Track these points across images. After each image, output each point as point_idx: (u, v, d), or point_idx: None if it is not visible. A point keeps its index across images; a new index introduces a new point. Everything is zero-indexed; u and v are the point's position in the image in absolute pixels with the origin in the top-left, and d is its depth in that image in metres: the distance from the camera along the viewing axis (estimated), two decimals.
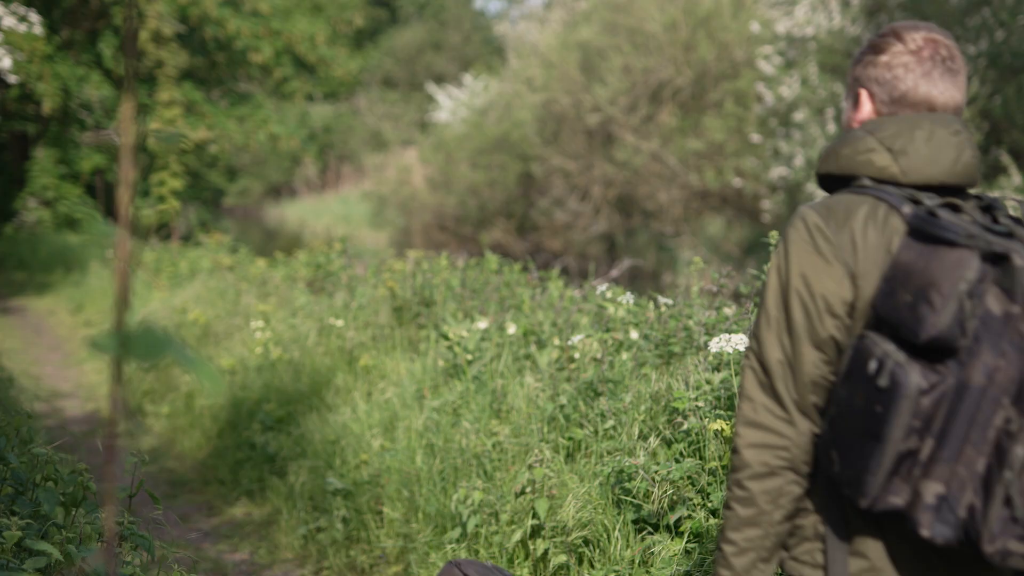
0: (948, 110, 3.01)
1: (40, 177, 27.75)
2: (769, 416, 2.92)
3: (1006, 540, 2.61)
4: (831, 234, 2.89)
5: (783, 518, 2.94)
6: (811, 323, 2.90)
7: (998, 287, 2.63)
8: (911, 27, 3.07)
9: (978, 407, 2.63)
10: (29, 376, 13.86)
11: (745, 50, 28.50)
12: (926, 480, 2.68)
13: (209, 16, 27.34)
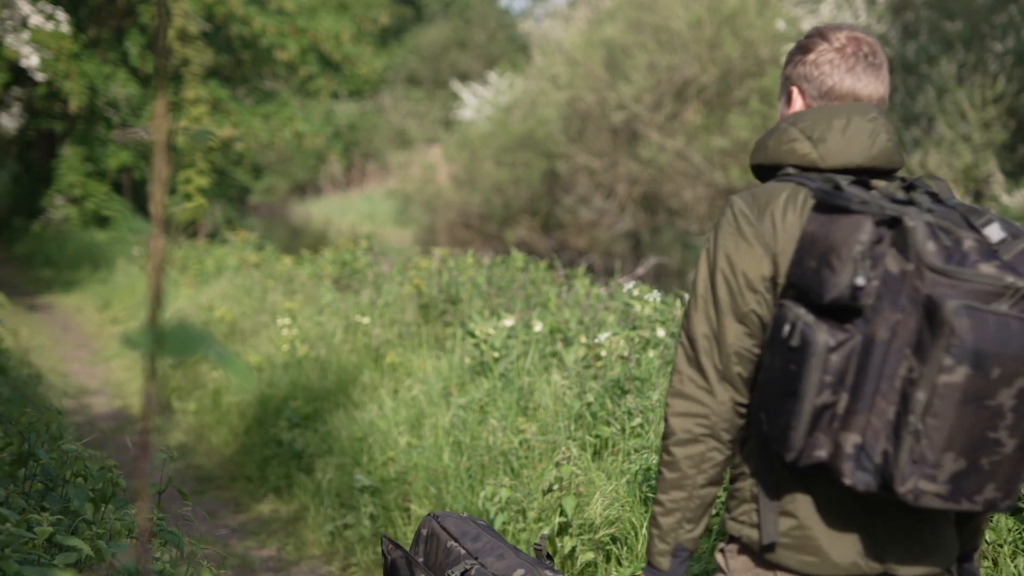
0: (872, 101, 3.26)
1: (67, 175, 27.84)
2: (692, 387, 3.17)
3: (916, 480, 2.80)
4: (754, 218, 3.14)
5: (706, 482, 3.18)
6: (734, 299, 3.14)
7: (895, 248, 2.86)
8: (835, 27, 3.32)
9: (885, 360, 2.85)
10: (57, 373, 13.91)
11: (770, 48, 28.45)
12: (845, 432, 2.89)
13: (235, 14, 27.39)
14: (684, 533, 3.22)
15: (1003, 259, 2.89)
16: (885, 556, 3.11)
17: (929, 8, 23.98)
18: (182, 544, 5.09)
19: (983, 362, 2.78)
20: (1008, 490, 2.92)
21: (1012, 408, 2.83)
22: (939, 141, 23.26)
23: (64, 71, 25.21)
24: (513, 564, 3.94)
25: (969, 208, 2.99)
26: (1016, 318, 2.83)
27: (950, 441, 2.81)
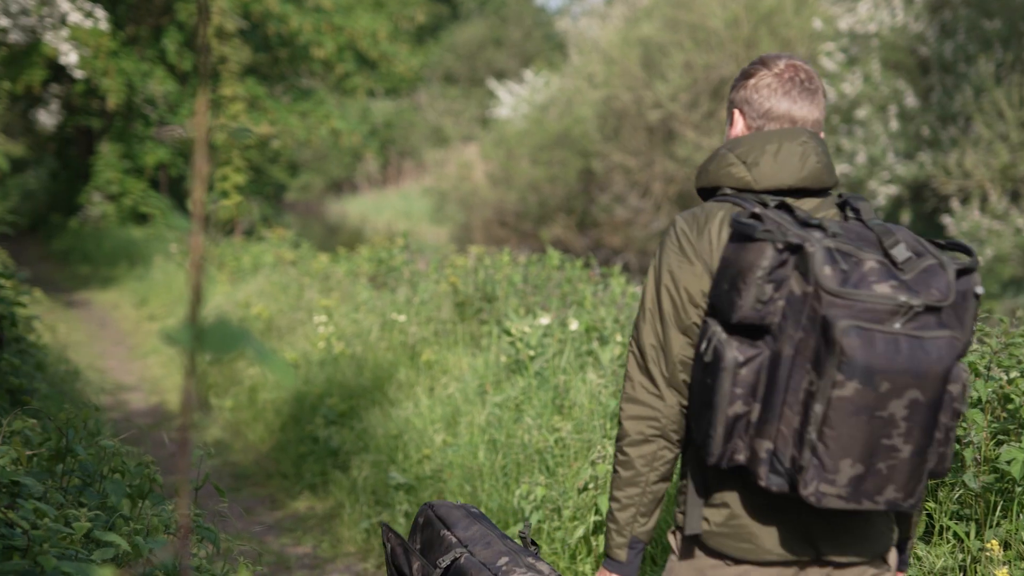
0: (807, 124, 3.55)
1: (104, 172, 27.96)
2: (644, 392, 3.48)
3: (817, 484, 3.08)
4: (693, 237, 3.43)
5: (658, 479, 3.51)
6: (677, 312, 3.44)
7: (798, 271, 3.12)
8: (776, 56, 3.61)
9: (790, 374, 3.12)
10: (94, 369, 13.98)
11: (807, 47, 28.33)
12: (759, 439, 3.17)
13: (272, 12, 27.47)
14: (639, 526, 3.55)
15: (903, 278, 3.13)
16: (815, 544, 3.38)
17: (967, 7, 23.87)
18: (218, 541, 5.10)
19: (872, 378, 3.04)
20: (909, 491, 3.16)
21: (904, 418, 3.08)
22: (976, 140, 23.17)
23: (102, 68, 25.32)
24: (499, 552, 4.10)
25: (883, 228, 3.23)
26: (905, 336, 3.07)
27: (846, 449, 3.07)
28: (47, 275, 24.22)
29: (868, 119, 24.77)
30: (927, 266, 3.17)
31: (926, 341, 3.10)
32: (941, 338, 3.11)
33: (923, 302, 3.12)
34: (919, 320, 3.12)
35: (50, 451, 5.15)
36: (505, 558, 4.05)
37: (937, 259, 3.20)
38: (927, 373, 3.08)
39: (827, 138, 25.89)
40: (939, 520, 5.46)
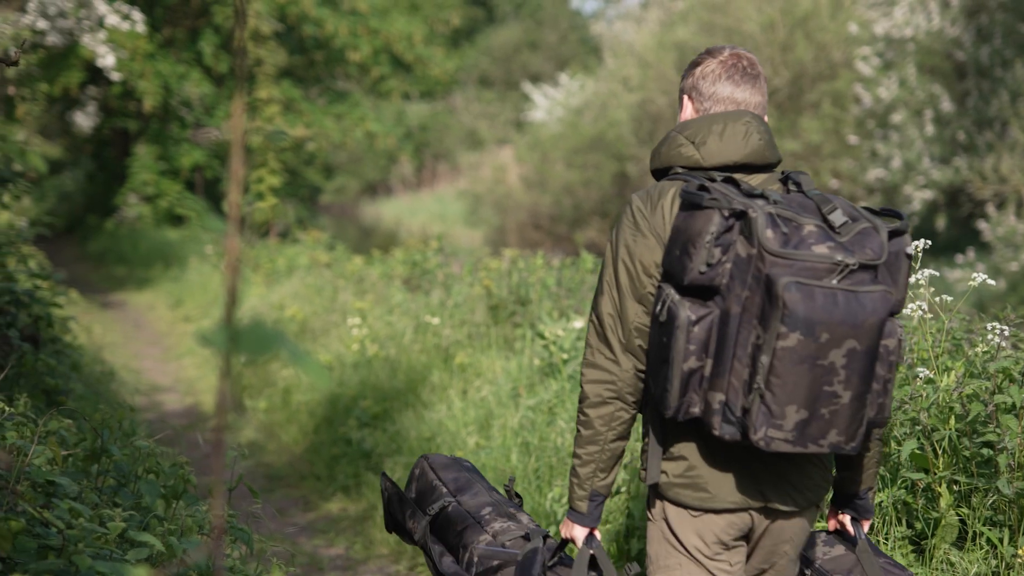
0: (750, 106, 3.87)
1: (140, 173, 28.08)
2: (602, 358, 3.77)
3: (766, 429, 3.41)
4: (647, 213, 3.75)
5: (615, 437, 3.82)
6: (633, 283, 3.74)
7: (742, 236, 3.45)
8: (721, 47, 3.94)
9: (738, 330, 3.45)
10: (129, 370, 14.04)
11: (843, 51, 28.23)
12: (711, 391, 3.50)
13: (308, 15, 27.54)
14: (598, 481, 3.87)
15: (839, 240, 3.46)
16: (764, 493, 3.74)
17: (1004, 11, 23.74)
18: (252, 541, 5.12)
19: (812, 328, 3.36)
20: (850, 434, 3.50)
21: (843, 366, 3.41)
22: (1013, 145, 23.06)
23: (139, 70, 25.45)
24: (483, 502, 4.47)
25: (822, 197, 3.58)
26: (842, 291, 3.41)
27: (791, 396, 3.40)
28: (83, 276, 24.32)
29: (904, 124, 24.67)
30: (862, 229, 3.51)
31: (861, 295, 3.42)
32: (875, 292, 3.44)
33: (858, 260, 3.45)
34: (854, 277, 3.45)
35: (85, 451, 5.18)
36: (489, 508, 4.42)
37: (871, 223, 3.54)
38: (863, 324, 3.41)
39: (863, 142, 25.85)
40: (972, 526, 5.45)
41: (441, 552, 4.41)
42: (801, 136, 28.52)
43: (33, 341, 8.20)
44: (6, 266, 8.75)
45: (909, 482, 5.70)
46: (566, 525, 3.99)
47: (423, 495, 4.61)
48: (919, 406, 5.52)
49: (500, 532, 4.32)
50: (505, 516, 4.39)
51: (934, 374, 5.72)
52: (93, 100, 32.19)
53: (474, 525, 4.37)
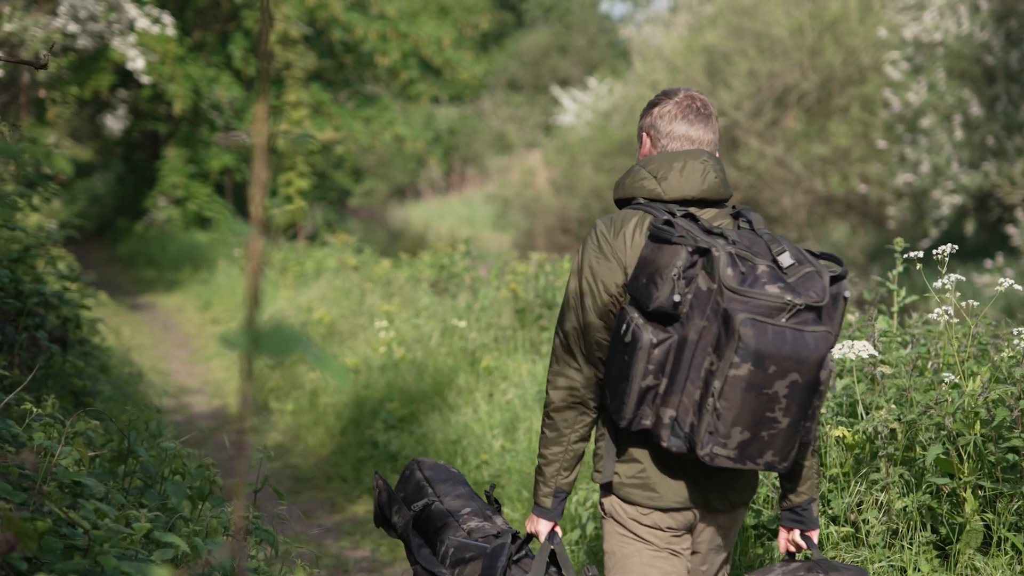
0: (704, 143, 4.23)
1: (170, 176, 28.17)
2: (566, 367, 4.16)
3: (712, 446, 3.80)
4: (611, 238, 4.09)
5: (577, 439, 4.20)
6: (594, 301, 4.09)
7: (704, 271, 3.81)
8: (676, 89, 4.32)
9: (694, 355, 3.82)
10: (157, 372, 14.09)
11: (872, 55, 28.16)
12: (663, 407, 3.88)
13: (337, 19, 27.60)
14: (562, 479, 4.26)
15: (788, 281, 3.82)
16: (706, 494, 4.14)
17: None
18: (277, 543, 5.14)
19: (762, 361, 3.73)
20: (784, 455, 3.89)
21: (785, 395, 3.78)
22: None
23: (169, 74, 25.53)
24: (464, 504, 4.79)
25: (771, 238, 3.95)
26: (790, 328, 3.76)
27: (737, 418, 3.77)
28: (113, 278, 24.42)
29: (933, 128, 24.58)
30: (806, 272, 3.88)
31: (806, 334, 3.79)
32: (819, 332, 3.81)
33: (804, 302, 3.81)
34: (800, 316, 3.81)
35: (112, 452, 5.20)
36: (468, 509, 4.75)
37: (814, 267, 3.91)
38: (806, 360, 3.77)
39: (891, 147, 25.78)
40: (997, 531, 5.44)
41: (420, 544, 4.77)
42: (830, 140, 28.46)
43: (61, 343, 8.24)
44: (35, 268, 8.79)
45: (934, 487, 5.69)
46: (531, 520, 4.37)
47: (410, 494, 4.94)
48: (944, 411, 5.52)
49: (474, 530, 4.66)
50: (482, 517, 4.73)
51: (960, 379, 5.72)
52: (123, 103, 32.31)
53: (452, 523, 4.71)
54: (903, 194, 25.97)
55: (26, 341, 7.18)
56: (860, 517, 5.73)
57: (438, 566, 4.61)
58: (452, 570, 4.57)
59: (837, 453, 5.95)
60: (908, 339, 6.30)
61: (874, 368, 5.97)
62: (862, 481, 5.81)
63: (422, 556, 4.71)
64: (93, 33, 21.81)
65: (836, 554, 5.67)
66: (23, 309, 7.43)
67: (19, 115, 22.19)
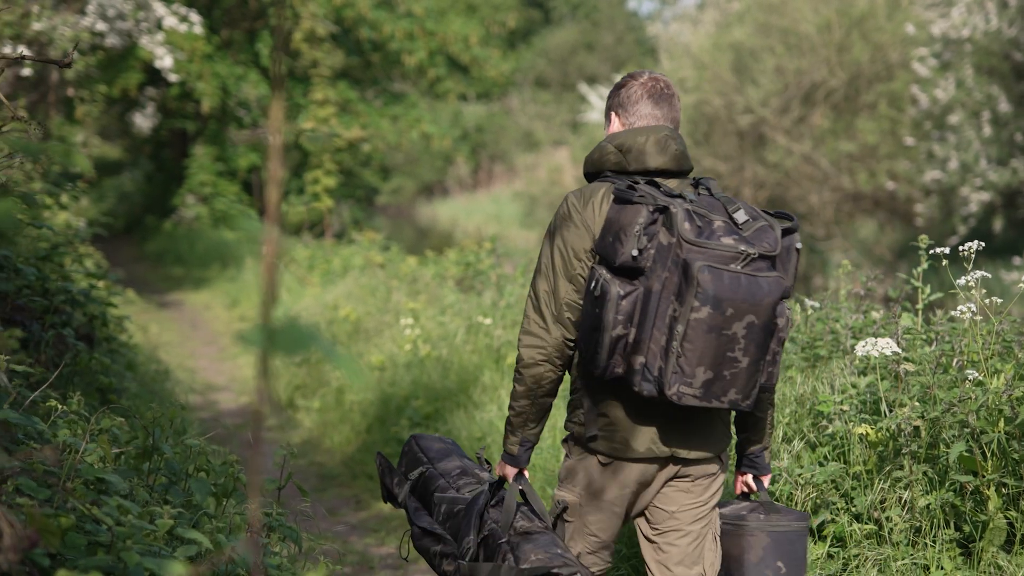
0: (666, 121, 4.60)
1: (198, 174, 28.22)
2: (536, 327, 4.52)
3: (679, 386, 4.16)
4: (580, 208, 4.47)
5: (544, 394, 4.57)
6: (566, 265, 4.47)
7: (664, 227, 4.21)
8: (641, 72, 4.70)
9: (658, 304, 4.20)
10: (185, 369, 14.14)
11: (900, 52, 28.06)
12: (634, 355, 4.24)
13: (364, 17, 27.60)
14: (528, 430, 4.65)
15: (742, 235, 4.23)
16: (671, 443, 4.47)
17: None
18: (300, 539, 5.16)
19: (720, 304, 4.12)
20: (746, 394, 4.26)
21: (743, 336, 4.17)
22: None
23: (197, 72, 25.58)
24: (455, 466, 5.09)
25: (727, 199, 4.36)
26: (745, 274, 4.17)
27: (700, 359, 4.15)
28: (141, 276, 24.50)
29: (961, 125, 24.50)
30: (760, 226, 4.28)
31: (760, 279, 4.19)
32: (771, 277, 4.22)
33: (757, 251, 4.21)
34: (754, 264, 4.21)
35: (137, 449, 5.23)
36: (458, 470, 5.05)
37: (768, 222, 4.33)
38: (761, 302, 4.17)
39: (919, 144, 25.70)
40: (1020, 529, 5.43)
41: (416, 508, 5.04)
42: (857, 137, 28.39)
43: (88, 340, 8.28)
44: (63, 266, 8.83)
45: (957, 485, 5.68)
46: (501, 466, 4.77)
47: (408, 465, 5.23)
48: (968, 408, 5.51)
49: (463, 486, 4.95)
50: (471, 475, 5.02)
51: (984, 376, 5.70)
52: (152, 101, 32.40)
53: (444, 484, 5.00)
54: (931, 191, 25.89)
55: (53, 339, 7.21)
56: (883, 515, 5.73)
57: (432, 524, 4.88)
58: (444, 524, 4.86)
59: (861, 451, 5.95)
60: (933, 336, 6.30)
61: (898, 365, 5.97)
62: (885, 478, 5.81)
63: (418, 518, 4.97)
64: (121, 32, 21.89)
65: (859, 551, 5.67)
66: (50, 307, 7.47)
67: (48, 113, 22.29)
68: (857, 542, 5.73)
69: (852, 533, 5.74)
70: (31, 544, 3.21)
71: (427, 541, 4.89)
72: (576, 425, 4.58)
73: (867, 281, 7.46)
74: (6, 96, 18.35)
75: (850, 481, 5.89)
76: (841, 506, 5.84)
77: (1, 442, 4.28)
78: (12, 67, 18.27)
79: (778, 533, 4.73)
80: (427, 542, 4.88)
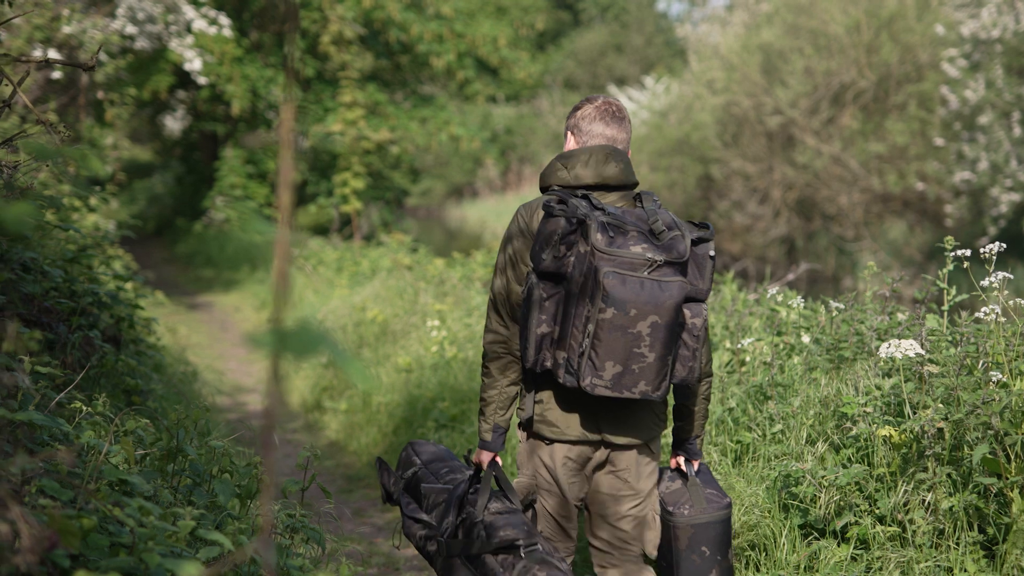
0: (617, 141, 5.06)
1: (228, 176, 28.30)
2: (496, 324, 5.08)
3: (591, 378, 4.65)
4: (527, 219, 5.00)
5: (509, 383, 5.08)
6: (515, 269, 5.01)
7: (582, 237, 4.67)
8: (596, 96, 5.18)
9: (576, 305, 4.67)
10: (213, 371, 14.17)
11: (929, 52, 27.97)
12: (558, 350, 4.76)
13: (393, 19, 27.64)
14: (498, 416, 5.13)
15: (655, 244, 4.68)
16: (601, 429, 4.98)
17: None
18: (324, 541, 5.18)
19: (623, 305, 4.59)
20: (655, 385, 4.70)
21: (648, 334, 4.63)
22: None
23: (227, 75, 25.65)
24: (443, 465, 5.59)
25: (653, 212, 4.82)
26: (649, 279, 4.61)
27: (609, 354, 4.62)
28: (171, 278, 24.58)
29: (990, 125, 24.41)
30: (674, 235, 4.73)
31: (664, 283, 4.63)
32: (675, 282, 4.66)
33: (665, 258, 4.66)
34: (661, 270, 4.65)
35: (161, 451, 5.25)
36: (446, 468, 5.54)
37: (681, 231, 4.77)
38: (663, 304, 4.62)
39: (949, 144, 25.62)
40: None
41: (408, 502, 5.53)
42: (887, 138, 28.32)
43: (114, 342, 8.31)
44: (91, 268, 8.87)
45: (981, 487, 5.67)
46: (477, 453, 5.22)
47: (403, 467, 5.73)
48: (991, 410, 5.50)
49: (449, 481, 5.44)
50: (457, 472, 5.50)
51: (1007, 378, 5.69)
52: (182, 104, 32.52)
53: (432, 479, 5.51)
54: (961, 192, 25.82)
55: (79, 341, 7.24)
56: (907, 517, 5.72)
57: (420, 513, 5.40)
58: (431, 513, 5.36)
59: (884, 452, 5.94)
60: (958, 338, 6.28)
61: (921, 367, 5.96)
62: (909, 481, 5.80)
63: (408, 510, 5.47)
64: (151, 35, 21.98)
65: (882, 554, 5.66)
66: (76, 309, 7.51)
67: (78, 116, 22.39)
68: (880, 544, 5.72)
69: (875, 535, 5.73)
70: (50, 545, 3.23)
71: (415, 528, 5.40)
72: (522, 411, 5.09)
73: (892, 282, 7.44)
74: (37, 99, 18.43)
75: (873, 483, 5.89)
76: (865, 508, 5.83)
77: (23, 443, 4.31)
78: (42, 70, 18.36)
79: (701, 524, 5.28)
80: (414, 529, 5.40)
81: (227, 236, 27.17)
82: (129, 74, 24.22)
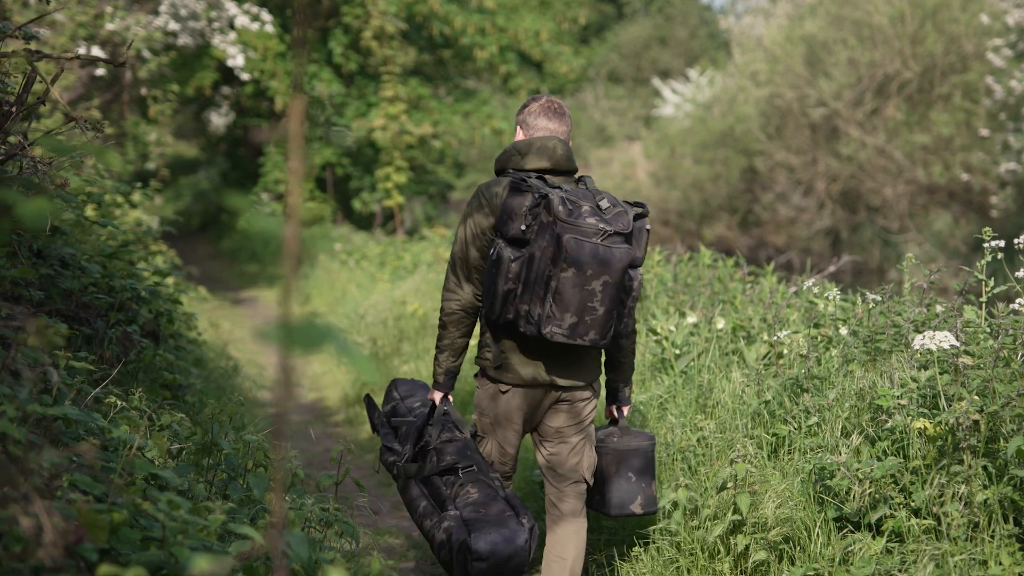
0: (559, 134, 5.95)
1: (272, 172, 28.37)
2: (453, 284, 5.90)
3: (551, 328, 5.48)
4: (488, 196, 5.78)
5: (461, 335, 5.94)
6: (474, 237, 5.78)
7: (545, 210, 5.48)
8: (540, 95, 6.05)
9: (538, 266, 5.46)
10: (255, 365, 14.23)
11: (974, 43, 27.78)
12: (520, 304, 5.52)
13: (435, 13, 27.65)
14: (450, 363, 6.01)
15: (604, 217, 5.52)
16: (551, 373, 5.81)
17: None
18: (357, 534, 5.19)
19: (582, 266, 5.41)
20: (602, 335, 5.56)
21: (600, 291, 5.46)
22: None
23: (270, 71, 25.73)
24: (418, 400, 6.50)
25: (596, 192, 5.70)
26: (602, 245, 5.44)
27: (567, 307, 5.45)
28: (215, 274, 24.71)
29: None
30: (618, 211, 5.59)
31: (613, 249, 5.48)
32: (623, 248, 5.52)
33: (614, 229, 5.50)
34: (611, 239, 5.49)
35: (197, 445, 5.28)
36: (419, 403, 6.45)
37: (624, 208, 5.64)
38: (613, 266, 5.46)
39: (994, 135, 25.44)
40: None
41: (386, 433, 6.42)
42: (931, 129, 28.16)
43: (153, 337, 8.35)
44: (132, 263, 8.91)
45: (1017, 479, 5.64)
46: (431, 393, 6.11)
47: (386, 403, 6.64)
48: None
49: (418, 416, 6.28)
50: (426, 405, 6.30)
51: None
52: (226, 100, 32.63)
53: (405, 412, 6.42)
54: (1006, 183, 25.64)
55: (118, 336, 7.28)
56: (941, 510, 5.69)
57: (394, 442, 6.32)
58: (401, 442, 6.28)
59: (920, 445, 5.91)
60: (996, 330, 6.24)
61: (956, 359, 5.92)
62: (943, 473, 5.77)
63: (385, 438, 6.38)
64: (194, 31, 22.07)
65: (917, 547, 5.64)
66: (115, 304, 7.55)
67: (122, 113, 22.52)
68: (915, 537, 5.70)
69: (910, 528, 5.71)
70: (76, 539, 3.25)
71: (387, 455, 6.27)
72: (483, 360, 5.90)
73: (931, 274, 7.40)
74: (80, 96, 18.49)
75: (908, 476, 5.86)
76: (900, 501, 5.81)
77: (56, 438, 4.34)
78: (86, 67, 18.47)
79: (628, 451, 6.22)
80: (387, 455, 6.27)
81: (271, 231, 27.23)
82: (172, 71, 24.32)
